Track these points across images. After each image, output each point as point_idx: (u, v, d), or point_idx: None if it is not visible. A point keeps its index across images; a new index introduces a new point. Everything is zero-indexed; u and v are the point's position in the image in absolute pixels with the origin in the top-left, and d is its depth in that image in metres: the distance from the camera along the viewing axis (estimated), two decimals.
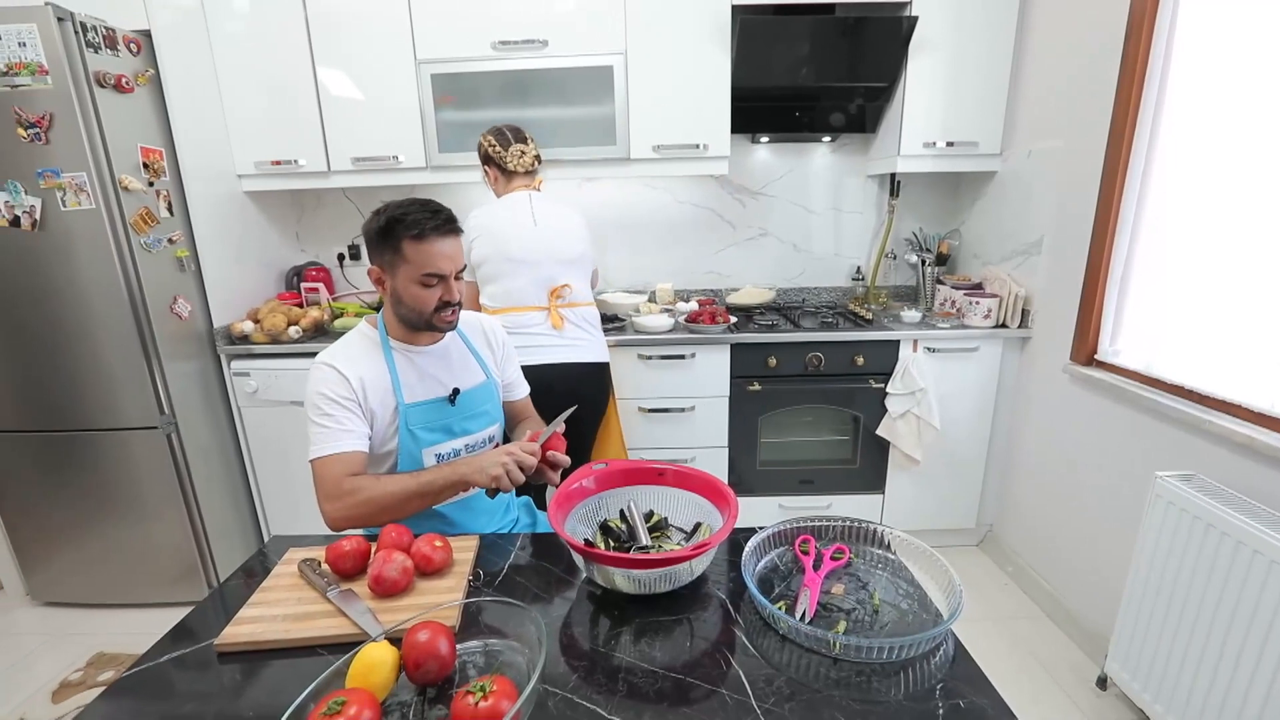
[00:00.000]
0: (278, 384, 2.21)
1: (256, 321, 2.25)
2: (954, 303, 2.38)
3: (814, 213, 2.69)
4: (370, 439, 1.20)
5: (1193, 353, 1.61)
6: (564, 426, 1.24)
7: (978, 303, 2.21)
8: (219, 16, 2.16)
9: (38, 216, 1.81)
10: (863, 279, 2.72)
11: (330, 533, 1.13)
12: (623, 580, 0.93)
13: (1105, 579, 1.81)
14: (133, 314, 1.92)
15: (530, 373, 1.73)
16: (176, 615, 0.97)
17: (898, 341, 2.21)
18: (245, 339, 2.22)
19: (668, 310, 2.43)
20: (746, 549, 0.98)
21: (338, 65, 2.21)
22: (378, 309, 2.59)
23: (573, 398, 1.84)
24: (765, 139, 2.57)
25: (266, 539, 2.44)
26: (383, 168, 2.30)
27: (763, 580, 0.99)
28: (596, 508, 1.13)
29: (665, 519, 1.14)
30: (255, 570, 1.08)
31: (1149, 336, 1.75)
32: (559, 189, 2.66)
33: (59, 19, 1.71)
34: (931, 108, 2.24)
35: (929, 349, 2.21)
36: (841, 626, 0.87)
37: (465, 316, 1.37)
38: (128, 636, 2.08)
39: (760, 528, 1.05)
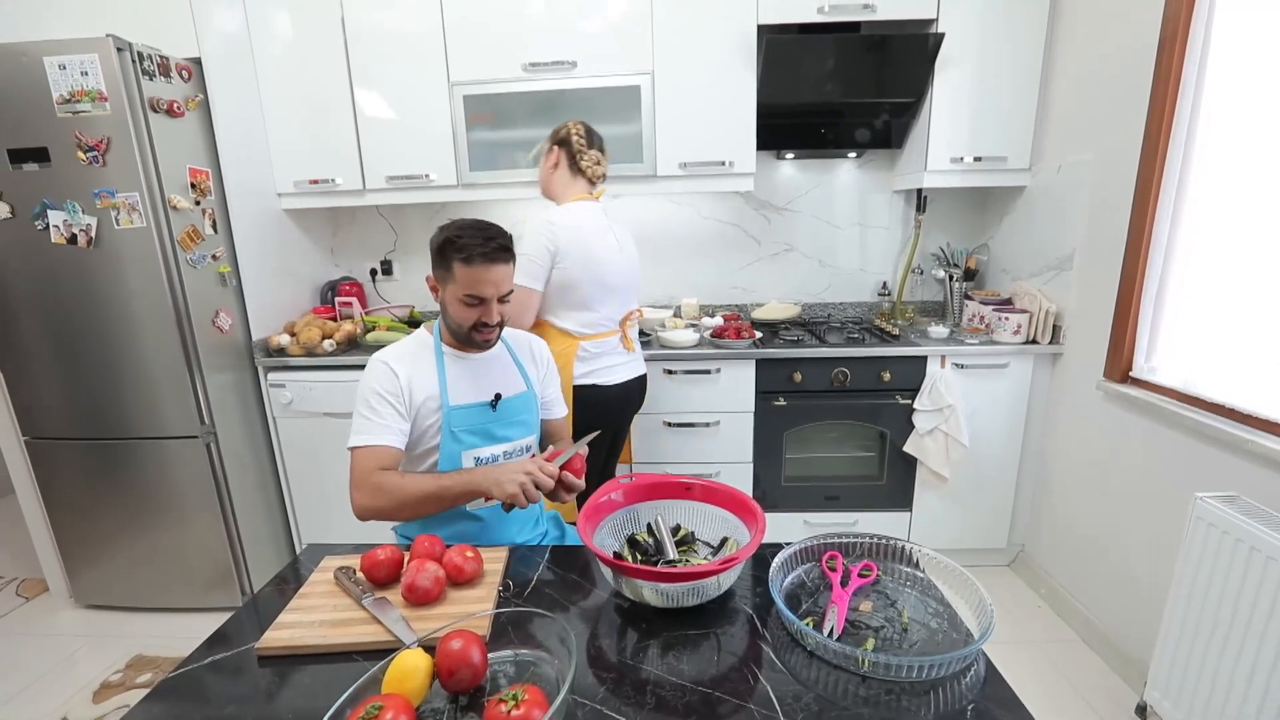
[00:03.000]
0: (311, 396, 2.27)
1: (292, 335, 2.32)
2: (983, 318, 2.35)
3: (839, 228, 2.69)
4: (409, 435, 1.26)
5: (1233, 370, 1.57)
6: (586, 450, 1.27)
7: (1007, 318, 2.18)
8: (264, 42, 2.26)
9: (93, 234, 1.90)
10: (889, 294, 2.70)
11: (362, 542, 1.16)
12: (651, 593, 0.93)
13: (1144, 603, 1.75)
14: (177, 327, 2.00)
15: (611, 391, 1.81)
16: (211, 620, 1.00)
17: (925, 357, 2.19)
18: (281, 351, 2.29)
19: (693, 325, 2.44)
20: (773, 564, 0.98)
21: (374, 87, 2.29)
22: (409, 323, 2.66)
23: (634, 408, 1.95)
24: (790, 155, 2.59)
25: (298, 547, 2.51)
26: (415, 186, 2.37)
27: (790, 596, 0.99)
28: (624, 521, 1.15)
29: (692, 533, 1.15)
30: (288, 579, 1.11)
31: (1187, 353, 1.71)
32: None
33: (118, 49, 1.81)
34: (958, 123, 2.23)
35: (957, 365, 2.19)
36: (870, 644, 0.86)
37: (514, 333, 1.45)
38: (165, 640, 2.14)
39: (787, 543, 1.05)
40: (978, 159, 2.26)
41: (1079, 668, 1.90)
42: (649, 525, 1.14)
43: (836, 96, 2.29)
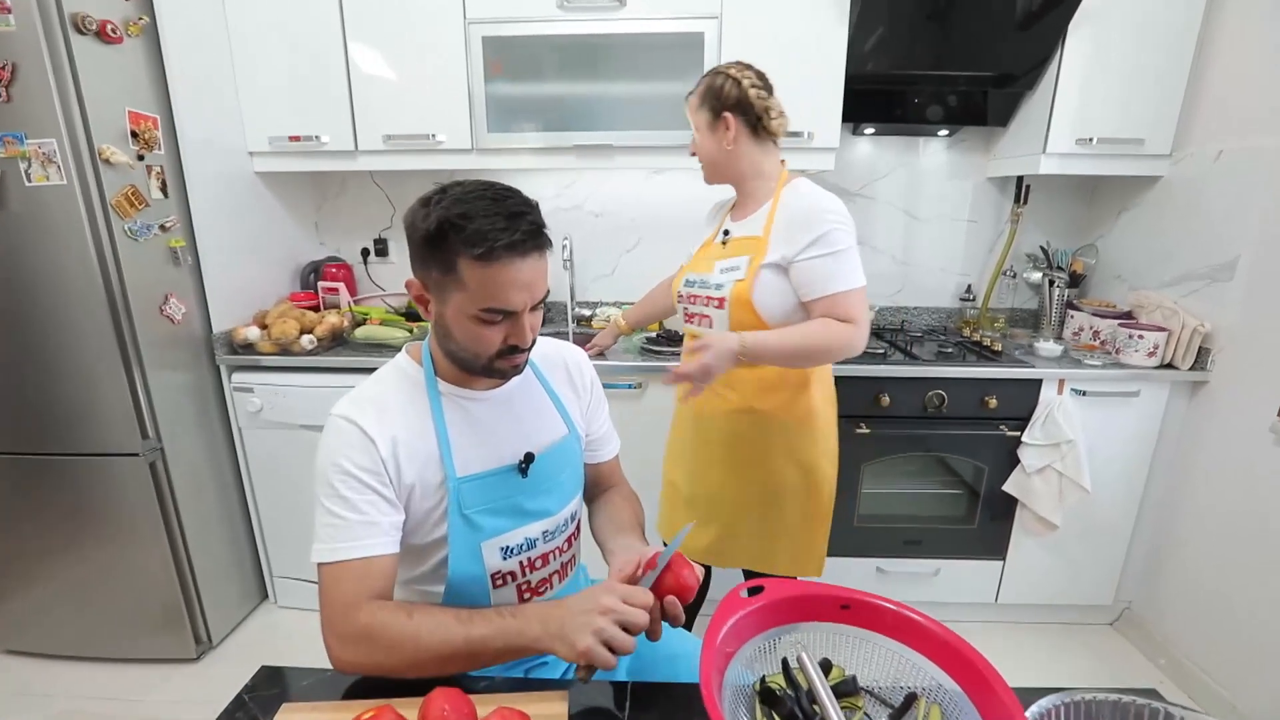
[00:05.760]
0: (285, 403, 1.84)
1: (264, 327, 1.89)
2: (1096, 333, 1.97)
3: (919, 219, 2.29)
4: (404, 526, 0.83)
5: None
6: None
7: (1141, 336, 1.79)
8: None
9: None
10: (973, 299, 2.31)
11: (334, 674, 0.76)
12: None
13: None
14: (110, 315, 1.56)
15: None
16: (155, 673, 0.63)
17: (1039, 381, 1.80)
18: (249, 348, 1.86)
19: None
20: None
21: (372, 22, 1.84)
22: (408, 315, 2.24)
23: None
24: (870, 130, 2.17)
25: (269, 583, 2.10)
26: (419, 148, 1.93)
27: None
28: (751, 655, 0.75)
29: (853, 678, 0.75)
30: None
31: None
32: (623, 180, 2.28)
33: None
34: (1093, 96, 1.83)
35: (1077, 391, 1.80)
36: None
37: (544, 348, 1.00)
38: (96, 701, 1.72)
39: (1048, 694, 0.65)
40: (1097, 141, 1.85)
41: None
42: (784, 662, 0.75)
43: (945, 62, 1.89)
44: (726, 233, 1.37)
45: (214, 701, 0.76)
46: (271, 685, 0.78)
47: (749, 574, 1.43)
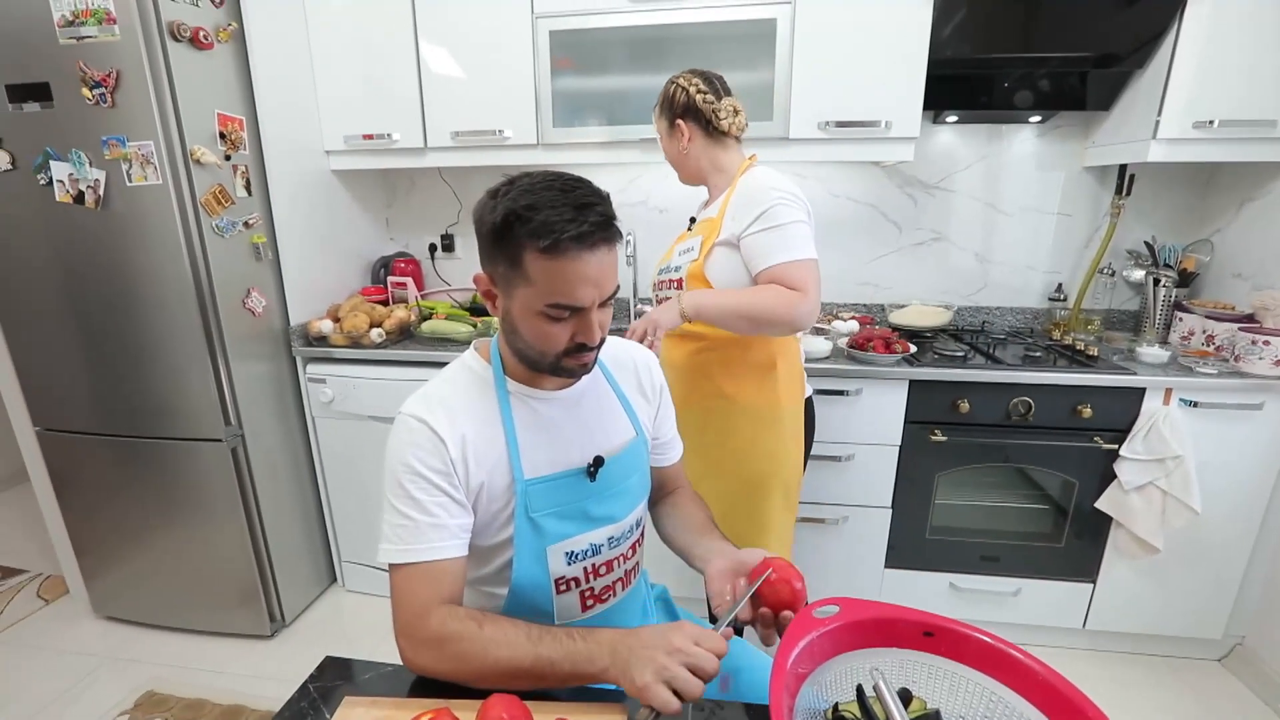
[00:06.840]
0: (355, 394, 1.90)
1: (336, 320, 1.96)
2: (1210, 338, 1.78)
3: (1004, 213, 2.13)
4: (472, 527, 0.82)
5: None
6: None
7: (1267, 343, 1.60)
8: None
9: (102, 192, 1.56)
10: (1063, 299, 2.13)
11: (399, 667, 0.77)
12: None
13: None
14: (199, 308, 1.65)
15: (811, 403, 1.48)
16: (234, 647, 0.65)
17: (1142, 390, 1.64)
18: (323, 340, 1.93)
19: (820, 330, 1.95)
20: None
21: (442, 23, 1.87)
22: (473, 310, 2.27)
23: None
24: (953, 118, 2.03)
25: (337, 567, 2.18)
26: (486, 144, 1.94)
27: None
28: (826, 681, 0.70)
29: (936, 712, 0.69)
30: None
31: None
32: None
33: None
34: (1211, 75, 1.64)
35: (1186, 402, 1.63)
36: None
37: (613, 348, 0.97)
38: (181, 670, 1.84)
39: None
40: (1215, 123, 1.66)
41: None
42: (859, 690, 0.70)
43: (1037, 42, 1.74)
44: (693, 220, 1.44)
45: (286, 678, 0.78)
46: (335, 676, 0.78)
47: None
